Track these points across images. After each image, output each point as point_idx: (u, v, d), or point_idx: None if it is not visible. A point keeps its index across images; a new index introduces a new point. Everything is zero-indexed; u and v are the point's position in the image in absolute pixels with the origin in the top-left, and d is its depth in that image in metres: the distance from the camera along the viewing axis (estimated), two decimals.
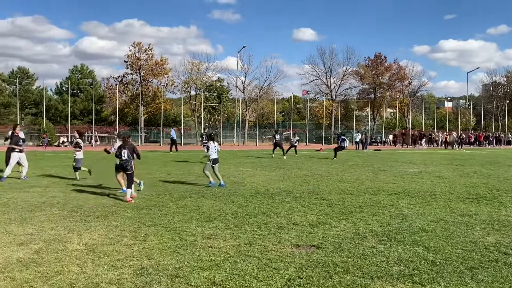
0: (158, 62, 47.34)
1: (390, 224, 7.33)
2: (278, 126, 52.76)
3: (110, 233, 6.56)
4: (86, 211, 8.21)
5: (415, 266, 5.16)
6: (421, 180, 13.57)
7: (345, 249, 5.78)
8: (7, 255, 5.41)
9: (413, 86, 58.67)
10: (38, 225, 7.01)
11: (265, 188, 11.45)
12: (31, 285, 4.44)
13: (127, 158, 9.56)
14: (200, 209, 8.41)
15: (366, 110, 57.68)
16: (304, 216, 7.90)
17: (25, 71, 58.67)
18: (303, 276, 4.77)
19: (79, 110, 54.49)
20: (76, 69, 59.93)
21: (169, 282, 4.56)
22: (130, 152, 9.62)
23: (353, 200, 9.61)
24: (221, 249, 5.75)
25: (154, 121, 50.88)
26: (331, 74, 55.58)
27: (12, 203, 8.94)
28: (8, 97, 50.68)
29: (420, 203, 9.40)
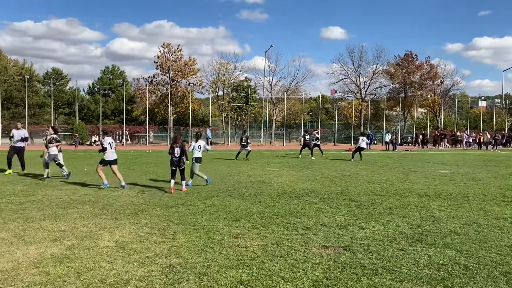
0: (186, 63, 47.92)
1: (421, 226, 7.17)
2: (305, 126, 52.44)
3: (140, 230, 6.68)
4: (116, 208, 8.40)
5: (446, 269, 5.03)
6: (453, 181, 13.22)
7: (374, 251, 5.69)
8: (41, 251, 5.59)
9: (445, 85, 57.25)
10: (71, 222, 7.22)
11: (292, 188, 11.41)
12: (64, 280, 4.58)
13: (180, 156, 10.71)
14: (227, 208, 8.47)
15: (397, 109, 56.69)
16: (332, 217, 7.82)
17: (59, 72, 60.46)
18: (331, 277, 4.72)
19: (111, 110, 55.71)
20: (107, 70, 61.30)
21: (197, 280, 4.61)
22: (181, 150, 10.76)
23: (383, 202, 9.45)
24: (248, 248, 5.76)
25: (183, 121, 51.49)
26: (361, 73, 54.88)
27: (46, 200, 9.24)
28: (43, 97, 52.32)
29: (452, 205, 9.16)
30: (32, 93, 49.64)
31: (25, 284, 4.47)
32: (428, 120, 54.83)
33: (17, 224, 7.06)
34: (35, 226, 6.89)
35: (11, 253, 5.50)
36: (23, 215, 7.74)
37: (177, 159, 10.72)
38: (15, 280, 4.58)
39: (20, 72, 51.90)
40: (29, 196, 9.72)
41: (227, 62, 50.78)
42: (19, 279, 4.61)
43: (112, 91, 58.20)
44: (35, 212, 8.02)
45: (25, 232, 6.54)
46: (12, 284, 4.47)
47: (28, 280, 4.58)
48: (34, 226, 6.92)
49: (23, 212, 7.96)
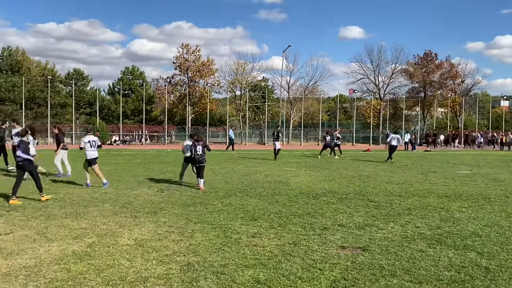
0: (205, 63, 48.17)
1: (440, 227, 7.07)
2: (323, 126, 52.16)
3: (159, 229, 6.76)
4: (136, 207, 8.52)
5: (467, 271, 4.96)
6: (474, 182, 12.99)
7: (392, 252, 5.64)
8: (63, 248, 5.71)
9: (466, 85, 56.12)
10: (91, 220, 7.35)
11: (310, 188, 11.38)
12: (85, 277, 4.67)
13: (202, 153, 11.11)
14: (244, 208, 8.49)
15: (416, 109, 55.86)
16: (350, 217, 7.78)
17: (80, 73, 61.48)
18: (349, 278, 4.70)
19: (130, 110, 56.40)
20: (127, 70, 62.07)
21: (214, 278, 4.65)
22: (203, 147, 11.15)
23: (401, 202, 9.35)
24: (265, 248, 5.78)
25: (201, 121, 51.80)
26: (379, 73, 54.25)
27: (68, 198, 9.42)
28: (64, 97, 53.30)
29: (472, 206, 9.00)
30: (54, 93, 50.63)
31: (47, 280, 4.58)
32: (448, 120, 53.94)
33: (40, 221, 7.23)
34: (57, 224, 7.04)
35: (34, 250, 5.63)
36: (45, 212, 7.92)
37: (199, 156, 11.09)
38: (38, 276, 4.69)
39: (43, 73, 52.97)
40: (51, 194, 9.91)
41: (245, 62, 50.90)
42: (42, 275, 4.72)
43: (132, 91, 58.91)
44: (57, 210, 8.19)
45: (47, 229, 6.69)
46: (35, 280, 4.59)
47: (50, 276, 4.69)
48: (56, 223, 7.08)
49: (45, 210, 8.14)
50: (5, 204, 8.71)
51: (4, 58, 51.18)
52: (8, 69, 50.28)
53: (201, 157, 11.09)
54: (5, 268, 4.93)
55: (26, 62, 54.46)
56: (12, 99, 47.58)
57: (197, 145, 11.15)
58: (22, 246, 5.79)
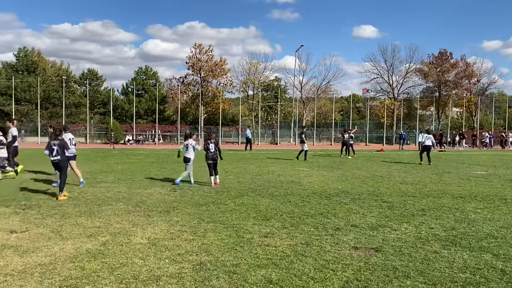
0: (217, 63, 48.31)
1: (455, 228, 6.98)
2: (336, 126, 51.92)
3: (171, 228, 6.80)
4: (149, 206, 8.57)
5: (482, 274, 4.88)
6: (489, 183, 12.80)
7: (406, 253, 5.59)
8: (77, 246, 5.77)
9: (481, 84, 55.35)
10: (105, 219, 7.42)
11: (322, 188, 11.33)
12: (98, 275, 4.71)
13: (214, 150, 11.62)
14: (257, 208, 8.49)
15: (430, 109, 55.29)
16: (363, 218, 7.73)
17: (94, 73, 62.21)
18: (361, 279, 4.67)
19: (144, 110, 56.86)
20: (140, 70, 62.59)
21: (227, 278, 4.65)
22: (215, 145, 11.70)
23: (415, 203, 9.26)
24: (277, 248, 5.77)
25: (213, 121, 51.98)
26: (393, 72, 53.81)
27: (82, 197, 9.53)
28: (79, 97, 54.02)
29: (488, 207, 8.87)
30: (69, 93, 51.32)
31: (62, 278, 4.64)
32: (464, 120, 53.26)
33: (55, 219, 7.32)
34: (72, 222, 7.13)
35: (49, 247, 5.71)
36: (60, 211, 8.02)
37: (212, 153, 11.59)
38: (53, 273, 4.75)
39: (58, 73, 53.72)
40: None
41: (257, 62, 50.97)
42: (56, 273, 4.78)
43: (145, 91, 59.38)
44: (71, 208, 8.29)
45: (62, 227, 6.78)
46: (49, 277, 4.64)
47: (64, 274, 4.74)
48: (70, 222, 7.16)
49: (60, 208, 8.24)
50: (21, 202, 8.84)
51: (20, 59, 52.01)
52: (24, 70, 51.10)
53: (214, 155, 11.60)
54: (20, 266, 5.00)
55: (42, 62, 55.28)
56: (28, 99, 48.36)
57: (209, 143, 11.65)
58: (37, 244, 5.87)
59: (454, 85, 53.36)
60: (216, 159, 11.68)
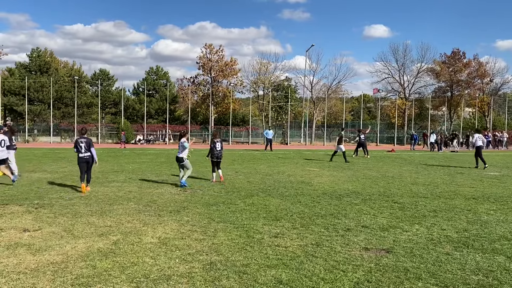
0: (228, 63, 48.37)
1: (467, 230, 6.90)
2: (347, 126, 51.66)
3: (182, 227, 6.82)
4: (159, 206, 8.62)
5: (495, 276, 4.82)
6: (503, 184, 12.63)
7: (417, 255, 5.54)
8: (89, 245, 5.82)
9: (494, 84, 54.61)
10: (116, 218, 7.47)
11: (333, 189, 11.28)
12: (109, 274, 4.75)
13: (220, 149, 12.45)
14: (267, 208, 8.49)
15: (442, 109, 54.71)
16: (373, 218, 7.68)
17: (105, 73, 62.67)
18: (372, 280, 4.64)
19: (154, 110, 57.14)
20: (151, 70, 62.90)
21: (237, 278, 4.65)
22: (221, 144, 12.56)
23: (427, 204, 9.17)
24: (287, 248, 5.76)
25: (224, 121, 52.06)
26: (405, 72, 53.37)
27: (93, 197, 9.61)
28: (90, 97, 54.45)
29: (501, 209, 8.75)
30: (81, 93, 51.76)
31: (74, 276, 4.68)
32: (476, 120, 52.65)
33: (66, 218, 7.40)
34: (83, 221, 7.19)
35: (61, 246, 5.76)
36: (72, 210, 8.10)
37: (218, 151, 12.35)
38: (65, 272, 4.80)
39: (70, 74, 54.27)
40: (77, 192, 10.14)
41: (268, 62, 50.85)
42: (68, 271, 4.83)
43: (156, 91, 59.67)
44: (83, 207, 8.36)
45: (74, 226, 6.84)
46: (62, 276, 4.69)
47: (76, 272, 4.79)
48: (82, 221, 7.23)
49: (72, 208, 8.32)
50: (34, 201, 8.95)
51: (33, 59, 52.60)
52: (37, 70, 51.69)
53: (220, 153, 12.42)
54: (33, 264, 5.06)
55: (54, 63, 55.89)
56: (40, 99, 48.89)
57: (216, 142, 12.41)
58: (49, 242, 5.94)
59: (466, 85, 52.76)
60: (221, 157, 12.45)
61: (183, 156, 11.48)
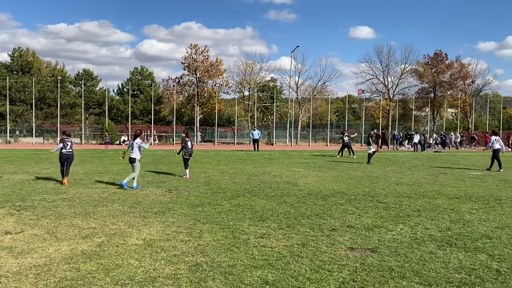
0: (213, 64, 48.25)
1: (450, 229, 7.01)
2: (332, 127, 51.99)
3: (167, 229, 6.78)
4: (144, 207, 8.55)
5: (477, 274, 4.90)
6: (484, 183, 12.86)
7: (401, 254, 5.60)
8: (72, 247, 5.74)
9: (476, 85, 55.55)
10: (101, 220, 7.39)
11: (318, 189, 11.34)
12: (94, 276, 4.69)
13: (191, 147, 13.55)
14: (253, 208, 8.49)
15: (425, 110, 55.42)
16: (358, 218, 7.74)
17: (89, 73, 61.95)
18: (357, 279, 4.68)
19: (139, 110, 56.68)
20: (136, 71, 62.38)
21: (223, 279, 4.64)
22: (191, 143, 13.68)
23: (411, 204, 9.28)
24: (273, 248, 5.76)
25: (209, 121, 51.92)
26: (389, 73, 53.91)
27: (77, 198, 9.49)
28: (74, 97, 53.76)
29: (483, 208, 8.91)
30: (64, 93, 51.08)
31: (57, 279, 4.61)
32: (459, 120, 53.50)
33: (50, 221, 7.28)
34: (67, 223, 7.09)
35: (44, 249, 5.67)
36: (55, 212, 7.98)
37: (190, 149, 13.45)
38: (48, 275, 4.73)
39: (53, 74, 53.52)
40: (61, 194, 10.00)
41: (253, 63, 50.90)
42: (51, 274, 4.75)
43: (140, 91, 59.23)
44: (67, 209, 8.25)
45: (57, 229, 6.74)
46: (44, 279, 4.62)
47: (59, 275, 4.72)
48: (65, 223, 7.13)
49: (55, 210, 8.20)
50: (16, 203, 8.79)
51: (14, 59, 51.74)
52: (18, 70, 50.85)
53: (191, 151, 13.53)
54: (15, 267, 4.97)
55: (37, 62, 55.06)
56: (22, 100, 48.11)
57: (187, 141, 13.53)
58: (32, 245, 5.84)
59: (449, 86, 53.54)
60: (192, 155, 13.56)
61: (135, 157, 11.35)
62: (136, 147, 11.44)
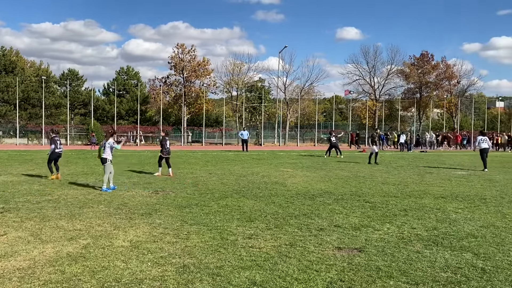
0: (200, 63, 48.12)
1: (437, 228, 7.08)
2: (319, 127, 52.21)
3: (154, 230, 6.72)
4: (131, 208, 8.46)
5: (463, 273, 4.95)
6: (470, 183, 13.02)
7: (388, 253, 5.63)
8: (57, 250, 5.66)
9: (461, 86, 56.43)
10: (86, 221, 7.29)
11: (306, 189, 11.36)
12: (79, 279, 4.62)
13: (169, 146, 14.14)
14: (241, 209, 8.46)
15: (412, 110, 56.04)
16: (346, 218, 7.77)
17: (74, 73, 61.20)
18: (345, 279, 4.69)
19: (125, 111, 56.19)
20: (122, 70, 61.85)
21: (210, 280, 4.61)
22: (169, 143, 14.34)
23: (398, 203, 9.35)
24: (261, 249, 5.75)
25: (197, 121, 51.74)
26: (375, 74, 54.42)
27: (62, 200, 9.35)
28: (59, 98, 53.02)
29: (468, 207, 9.02)
30: (49, 93, 50.38)
31: (41, 282, 4.53)
32: (444, 120, 54.17)
33: (34, 223, 7.16)
34: (52, 225, 6.99)
35: (28, 251, 5.57)
36: (40, 214, 7.85)
37: (167, 149, 14.00)
38: (32, 278, 4.64)
39: (37, 73, 52.71)
40: (45, 196, 9.85)
41: (241, 63, 50.88)
42: (36, 277, 4.67)
43: (126, 91, 58.73)
44: (52, 211, 8.12)
45: (42, 231, 6.63)
46: (28, 282, 4.53)
47: (44, 278, 4.64)
48: (50, 225, 7.02)
49: (40, 211, 8.07)
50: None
51: None
52: (1, 69, 50.00)
53: (170, 150, 14.19)
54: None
55: (20, 62, 54.21)
56: (6, 100, 47.33)
57: (167, 140, 14.24)
58: (16, 248, 5.73)
59: (434, 86, 54.23)
60: (170, 153, 14.18)
61: (107, 157, 10.95)
62: (108, 147, 10.99)
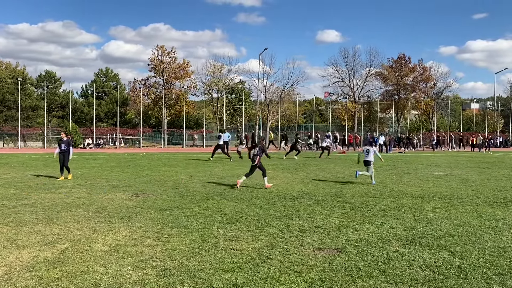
0: (180, 65, 47.77)
1: (415, 228, 7.20)
2: (300, 129, 52.46)
3: (134, 234, 6.65)
4: (110, 212, 8.35)
5: (440, 271, 5.05)
6: (446, 183, 13.29)
7: (368, 253, 5.70)
8: (34, 255, 5.54)
9: (438, 88, 57.47)
10: (64, 226, 7.16)
11: (287, 190, 11.41)
12: (57, 284, 4.54)
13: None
14: (222, 211, 8.45)
15: (390, 112, 56.84)
16: (326, 219, 7.83)
17: (52, 75, 60.02)
18: (326, 279, 4.73)
19: (104, 113, 55.35)
20: (101, 72, 60.92)
21: (191, 283, 4.59)
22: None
23: (377, 204, 9.48)
24: (243, 251, 5.75)
25: (177, 123, 51.33)
26: (354, 76, 54.94)
27: (39, 204, 9.17)
28: (36, 100, 51.88)
29: (445, 207, 9.20)
30: (25, 96, 49.26)
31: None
32: (422, 122, 55.12)
33: (10, 228, 7.00)
34: (28, 230, 6.84)
35: (4, 257, 5.45)
36: (16, 218, 7.68)
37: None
38: (8, 284, 4.54)
39: (13, 75, 51.48)
40: (22, 200, 9.64)
41: (222, 65, 50.73)
42: (12, 283, 4.57)
43: (105, 93, 57.88)
44: (28, 215, 7.95)
45: (18, 236, 6.49)
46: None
47: (20, 284, 4.54)
48: (27, 230, 6.87)
49: (16, 216, 7.89)
50: None
51: None
52: None
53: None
54: None
55: None
56: None
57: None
58: None
59: (412, 88, 55.13)
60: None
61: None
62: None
